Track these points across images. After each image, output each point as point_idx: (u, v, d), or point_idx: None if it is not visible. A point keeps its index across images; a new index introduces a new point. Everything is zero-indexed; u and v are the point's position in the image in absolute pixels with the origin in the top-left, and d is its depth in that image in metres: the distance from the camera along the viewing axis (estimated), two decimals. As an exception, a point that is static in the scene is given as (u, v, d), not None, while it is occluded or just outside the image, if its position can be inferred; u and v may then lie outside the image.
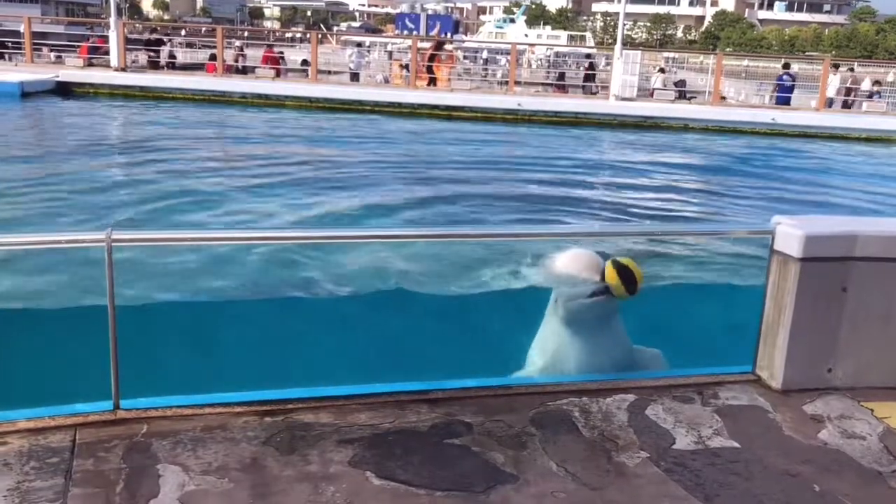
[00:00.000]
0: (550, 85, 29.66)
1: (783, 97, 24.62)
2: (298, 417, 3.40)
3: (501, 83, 29.86)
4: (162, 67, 26.35)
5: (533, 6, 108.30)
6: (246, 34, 39.84)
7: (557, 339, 4.20)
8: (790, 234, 3.87)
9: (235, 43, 28.83)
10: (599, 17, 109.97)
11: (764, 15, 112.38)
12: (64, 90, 21.57)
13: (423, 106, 21.65)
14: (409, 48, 27.30)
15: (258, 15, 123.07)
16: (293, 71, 29.09)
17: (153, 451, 3.08)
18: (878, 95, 25.92)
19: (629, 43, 59.45)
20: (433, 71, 25.59)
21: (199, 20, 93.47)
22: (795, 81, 26.17)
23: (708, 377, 4.05)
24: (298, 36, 56.84)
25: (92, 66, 25.33)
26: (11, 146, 14.02)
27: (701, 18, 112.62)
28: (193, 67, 28.06)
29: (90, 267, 4.41)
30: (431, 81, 25.45)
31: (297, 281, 6.49)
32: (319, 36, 31.86)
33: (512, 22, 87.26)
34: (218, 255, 6.74)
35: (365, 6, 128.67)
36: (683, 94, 25.84)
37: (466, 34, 77.11)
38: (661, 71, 28.70)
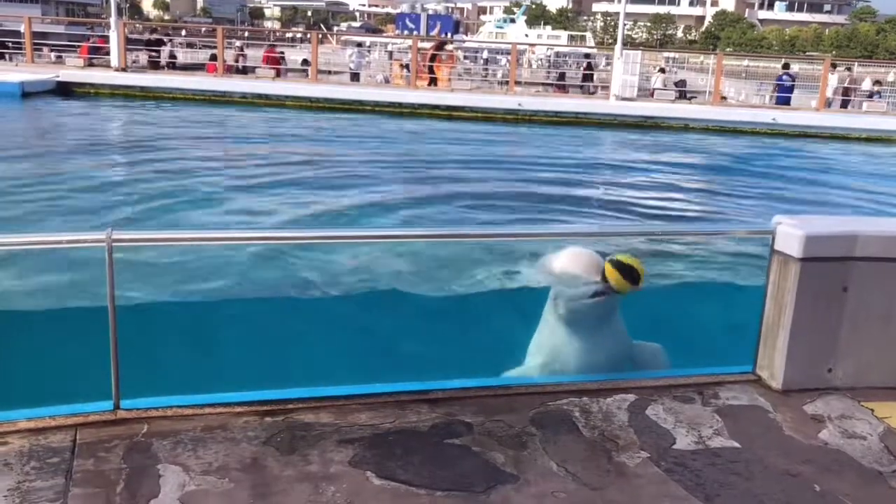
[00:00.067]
0: (551, 85, 29.68)
1: (783, 97, 24.64)
2: (299, 417, 3.40)
3: (502, 83, 29.85)
4: (162, 67, 26.36)
5: (533, 6, 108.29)
6: (246, 34, 39.87)
7: (556, 337, 4.19)
8: (790, 233, 3.87)
9: (236, 43, 28.81)
10: (599, 17, 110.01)
11: (764, 15, 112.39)
12: (64, 90, 21.58)
13: (423, 106, 21.66)
14: (409, 48, 27.30)
15: (258, 15, 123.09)
16: (293, 71, 29.09)
17: (153, 451, 3.08)
18: (878, 95, 25.93)
19: (629, 43, 59.38)
20: (434, 71, 25.61)
21: (199, 20, 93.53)
22: (795, 81, 26.18)
23: (708, 377, 4.05)
24: (299, 36, 56.85)
25: (92, 66, 25.34)
26: (11, 146, 14.00)
27: (701, 18, 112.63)
28: (194, 67, 28.08)
29: (90, 267, 4.40)
30: (432, 81, 25.48)
31: (297, 281, 6.49)
32: (320, 36, 31.88)
33: (512, 22, 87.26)
34: (218, 254, 6.74)
35: (365, 6, 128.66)
36: (684, 94, 25.85)
37: (467, 34, 77.08)
38: (661, 71, 28.72)
